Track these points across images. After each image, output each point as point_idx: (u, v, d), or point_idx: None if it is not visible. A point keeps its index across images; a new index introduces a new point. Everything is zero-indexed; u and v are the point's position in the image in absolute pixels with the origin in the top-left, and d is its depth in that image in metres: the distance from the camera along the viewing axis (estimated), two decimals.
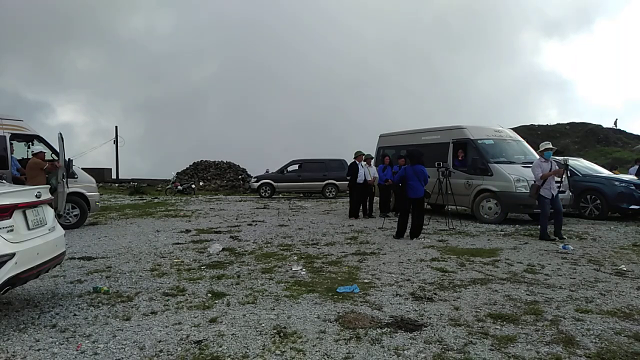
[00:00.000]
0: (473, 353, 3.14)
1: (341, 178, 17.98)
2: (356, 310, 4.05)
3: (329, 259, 6.37)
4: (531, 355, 3.12)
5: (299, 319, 3.83)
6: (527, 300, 4.40)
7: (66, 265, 5.81)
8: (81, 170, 10.45)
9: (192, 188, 24.05)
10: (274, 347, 3.23)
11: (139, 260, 6.32)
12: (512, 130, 13.91)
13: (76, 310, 4.06)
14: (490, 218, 10.52)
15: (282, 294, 4.58)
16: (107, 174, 34.80)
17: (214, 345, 3.26)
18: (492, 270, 5.67)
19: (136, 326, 3.66)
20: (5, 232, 3.51)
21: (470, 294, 4.59)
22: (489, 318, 3.86)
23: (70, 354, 3.14)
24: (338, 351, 3.17)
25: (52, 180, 8.30)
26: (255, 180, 20.66)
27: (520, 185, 10.08)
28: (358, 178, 11.58)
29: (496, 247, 7.36)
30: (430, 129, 12.69)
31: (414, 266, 5.92)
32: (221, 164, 31.36)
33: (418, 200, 8.28)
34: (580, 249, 7.06)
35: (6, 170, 8.47)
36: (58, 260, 4.25)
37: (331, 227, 9.89)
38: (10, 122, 8.93)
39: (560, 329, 3.61)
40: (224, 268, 5.80)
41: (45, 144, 9.41)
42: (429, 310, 4.06)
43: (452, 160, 11.50)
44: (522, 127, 37.58)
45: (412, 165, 8.23)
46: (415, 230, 8.27)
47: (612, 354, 3.12)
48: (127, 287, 4.89)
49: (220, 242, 7.74)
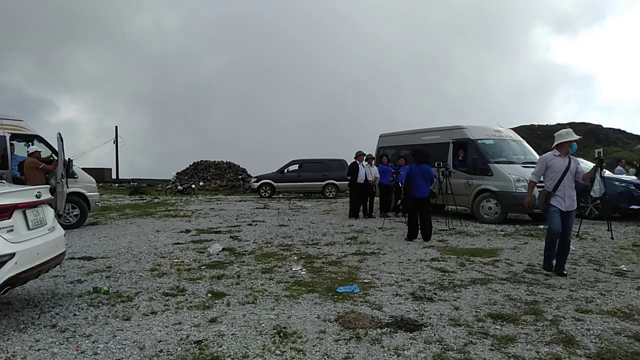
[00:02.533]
0: (473, 353, 3.14)
1: (341, 178, 17.98)
2: (356, 310, 4.05)
3: (329, 259, 6.37)
4: (531, 355, 3.12)
5: (299, 319, 3.83)
6: (527, 300, 4.40)
7: (66, 265, 5.81)
8: (81, 170, 10.46)
9: (192, 188, 24.05)
10: (274, 347, 3.23)
11: (139, 260, 6.32)
12: (512, 130, 13.91)
13: (76, 310, 4.06)
14: (490, 218, 10.52)
15: (282, 294, 4.58)
16: (107, 174, 34.80)
17: (214, 345, 3.26)
18: (492, 270, 5.67)
19: (136, 326, 3.66)
20: (5, 232, 3.51)
21: (470, 294, 4.59)
22: (489, 318, 3.86)
23: (70, 354, 3.14)
24: (338, 351, 3.17)
25: (51, 180, 8.30)
26: (255, 180, 20.67)
27: (520, 185, 10.08)
28: (358, 178, 11.58)
29: (496, 247, 7.36)
30: (430, 129, 12.70)
31: (414, 266, 5.92)
32: (221, 164, 31.35)
33: (424, 200, 8.13)
34: (580, 249, 7.06)
35: (6, 170, 8.47)
36: (58, 260, 4.25)
37: (331, 227, 9.89)
38: (10, 122, 8.93)
39: (560, 329, 3.61)
40: (224, 268, 5.80)
41: (45, 144, 9.40)
42: (429, 310, 4.06)
43: (452, 160, 11.51)
44: (522, 127, 37.62)
45: (418, 165, 8.11)
46: (425, 231, 8.08)
47: (612, 354, 3.12)
48: (127, 287, 4.89)
49: (220, 242, 7.73)
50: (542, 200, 5.51)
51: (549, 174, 5.49)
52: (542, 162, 5.61)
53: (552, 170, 5.45)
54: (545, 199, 5.46)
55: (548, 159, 5.53)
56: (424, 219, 8.13)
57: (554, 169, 5.44)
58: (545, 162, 5.54)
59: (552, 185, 5.42)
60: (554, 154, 5.54)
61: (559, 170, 5.40)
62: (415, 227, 8.15)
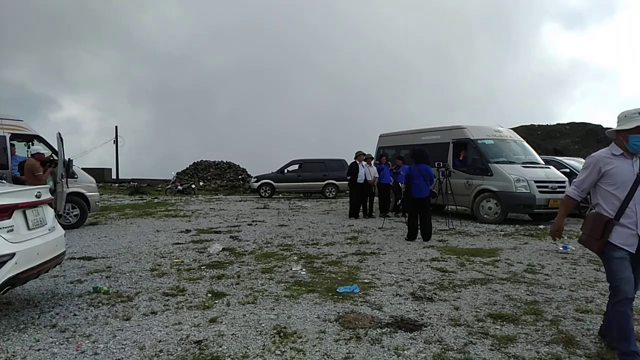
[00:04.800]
0: (473, 353, 3.14)
1: (341, 178, 17.97)
2: (356, 310, 4.05)
3: (329, 259, 6.37)
4: (531, 355, 3.12)
5: (299, 319, 3.83)
6: (527, 300, 4.40)
7: (66, 265, 5.81)
8: (81, 170, 10.45)
9: (192, 188, 24.03)
10: (274, 347, 3.23)
11: (139, 260, 6.32)
12: (512, 130, 13.93)
13: (76, 310, 4.06)
14: (490, 218, 10.52)
15: (282, 294, 4.58)
16: (107, 174, 34.79)
17: (214, 345, 3.26)
18: (492, 270, 5.67)
19: (136, 326, 3.66)
20: (5, 232, 3.51)
21: (470, 294, 4.59)
22: (489, 318, 3.86)
23: (70, 354, 3.13)
24: (338, 351, 3.17)
25: (49, 182, 8.29)
26: (255, 180, 20.67)
27: (520, 185, 10.10)
28: (358, 178, 11.59)
29: (496, 247, 7.36)
30: (431, 129, 12.71)
31: (414, 266, 5.92)
32: (221, 164, 31.34)
33: (423, 200, 8.12)
34: (580, 249, 7.05)
35: (6, 170, 8.47)
36: (58, 260, 4.26)
37: (331, 227, 9.89)
38: (10, 122, 8.93)
39: (560, 329, 3.61)
40: (224, 268, 5.80)
41: (45, 143, 9.40)
42: (429, 310, 4.06)
43: (452, 160, 11.51)
44: (521, 127, 37.56)
45: (417, 165, 8.11)
46: (425, 231, 8.07)
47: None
48: (127, 287, 4.89)
49: (220, 242, 7.73)
50: (597, 233, 3.09)
51: (606, 186, 3.11)
52: (593, 166, 3.15)
53: (613, 179, 3.07)
54: (603, 231, 3.05)
55: (603, 161, 3.12)
56: (424, 219, 8.12)
57: (615, 178, 3.06)
58: (598, 167, 3.12)
59: (614, 207, 3.06)
60: (612, 153, 3.12)
61: (625, 180, 3.04)
62: (415, 227, 8.14)
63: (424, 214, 8.12)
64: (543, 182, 10.27)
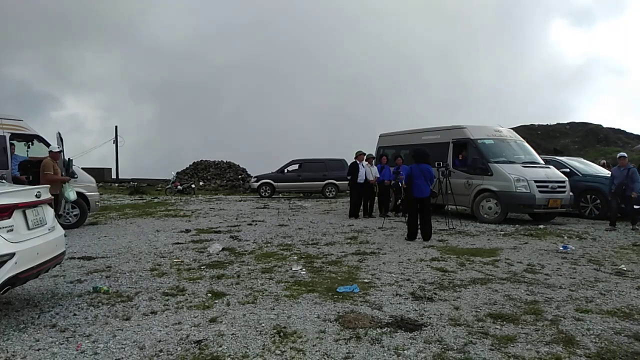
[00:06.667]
0: (473, 353, 3.14)
1: (341, 178, 17.96)
2: (356, 310, 4.05)
3: (329, 259, 6.37)
4: (531, 355, 3.12)
5: (299, 318, 3.83)
6: (527, 300, 4.40)
7: (66, 265, 5.81)
8: (81, 170, 10.45)
9: (192, 188, 24.03)
10: (274, 347, 3.23)
11: (139, 260, 6.32)
12: (512, 129, 13.93)
13: (76, 310, 4.06)
14: (490, 218, 10.52)
15: (282, 294, 4.58)
16: (107, 174, 34.79)
17: (214, 345, 3.26)
18: (492, 270, 5.67)
19: (136, 326, 3.66)
20: (5, 232, 3.51)
21: (470, 294, 4.59)
22: (489, 318, 3.86)
23: (70, 353, 3.13)
24: (338, 351, 3.17)
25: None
26: (255, 180, 20.66)
27: (520, 185, 10.10)
28: (358, 178, 11.58)
29: (496, 247, 7.36)
30: (431, 129, 12.71)
31: (413, 266, 5.92)
32: (221, 163, 31.34)
33: (424, 200, 8.12)
34: (580, 249, 7.06)
35: (6, 170, 8.47)
36: (58, 260, 4.26)
37: (331, 227, 9.89)
38: (10, 122, 8.93)
39: (560, 329, 3.61)
40: (224, 268, 5.80)
41: (45, 143, 9.40)
42: (429, 310, 4.06)
43: (452, 160, 11.51)
44: (521, 127, 37.52)
45: (418, 164, 8.11)
46: (425, 231, 8.07)
47: (612, 354, 3.12)
48: (127, 287, 4.89)
49: (220, 242, 7.73)
50: None
51: None
52: None
53: None
54: None
55: None
56: (424, 218, 8.13)
57: None
58: None
59: None
60: None
61: None
62: (415, 227, 8.14)
63: (424, 213, 8.12)
64: (543, 182, 10.27)
